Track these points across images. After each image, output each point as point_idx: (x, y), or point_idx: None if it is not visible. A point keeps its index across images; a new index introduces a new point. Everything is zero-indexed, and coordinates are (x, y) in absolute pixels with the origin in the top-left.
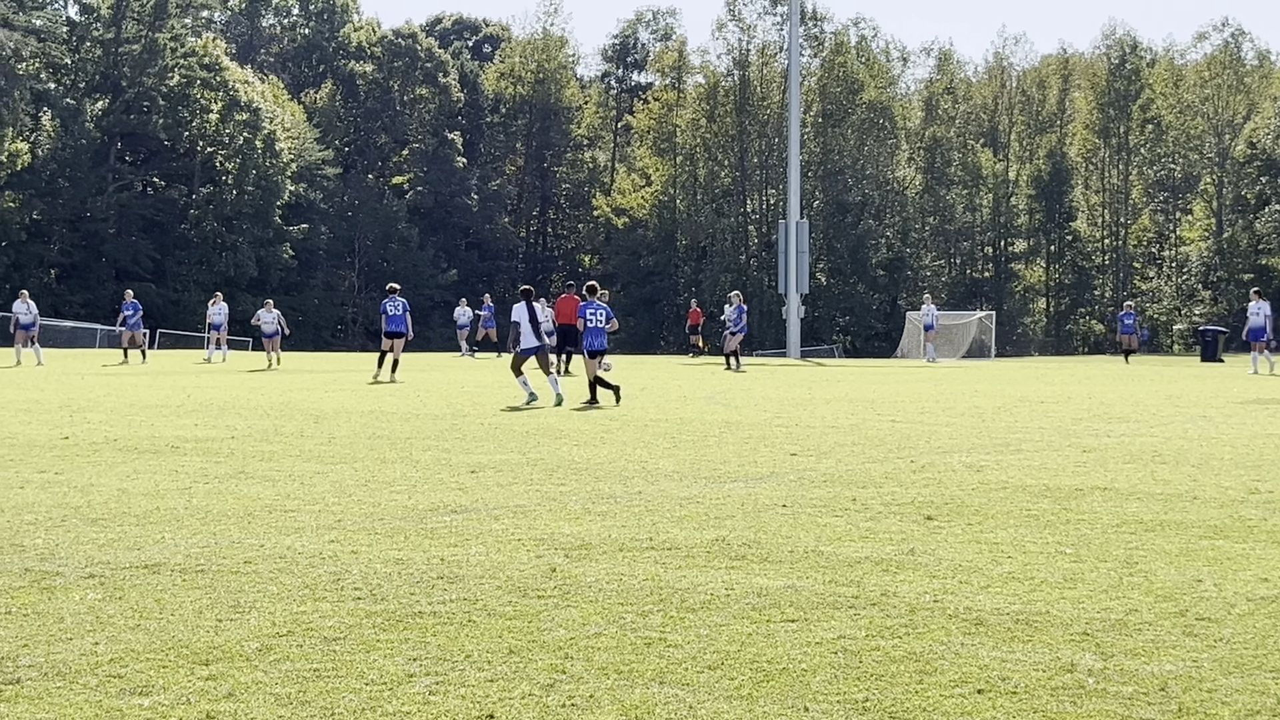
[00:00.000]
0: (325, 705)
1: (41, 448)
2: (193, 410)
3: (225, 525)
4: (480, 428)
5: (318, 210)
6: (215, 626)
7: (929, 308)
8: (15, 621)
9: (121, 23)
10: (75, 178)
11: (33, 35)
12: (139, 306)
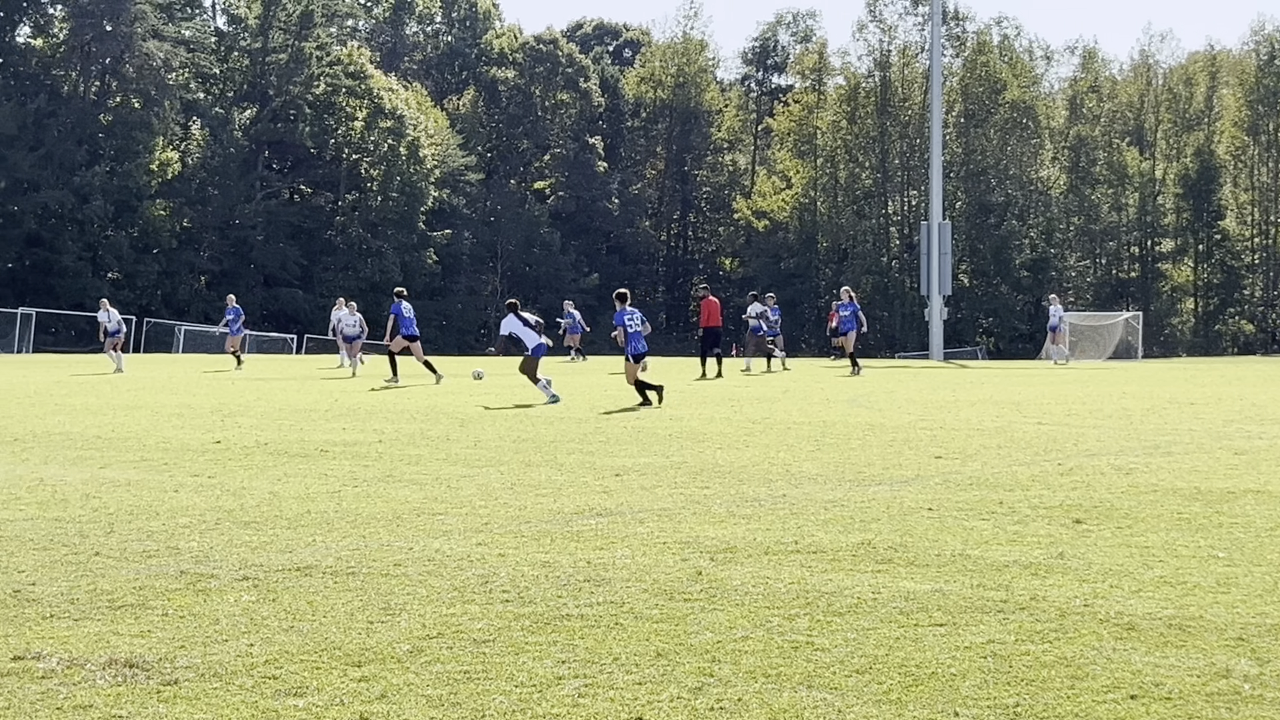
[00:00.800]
0: (476, 707)
1: (195, 452)
2: (340, 414)
3: (375, 528)
4: (624, 431)
5: (461, 216)
6: (367, 628)
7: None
8: (172, 623)
9: (268, 32)
10: (224, 185)
11: (182, 46)
12: (240, 312)
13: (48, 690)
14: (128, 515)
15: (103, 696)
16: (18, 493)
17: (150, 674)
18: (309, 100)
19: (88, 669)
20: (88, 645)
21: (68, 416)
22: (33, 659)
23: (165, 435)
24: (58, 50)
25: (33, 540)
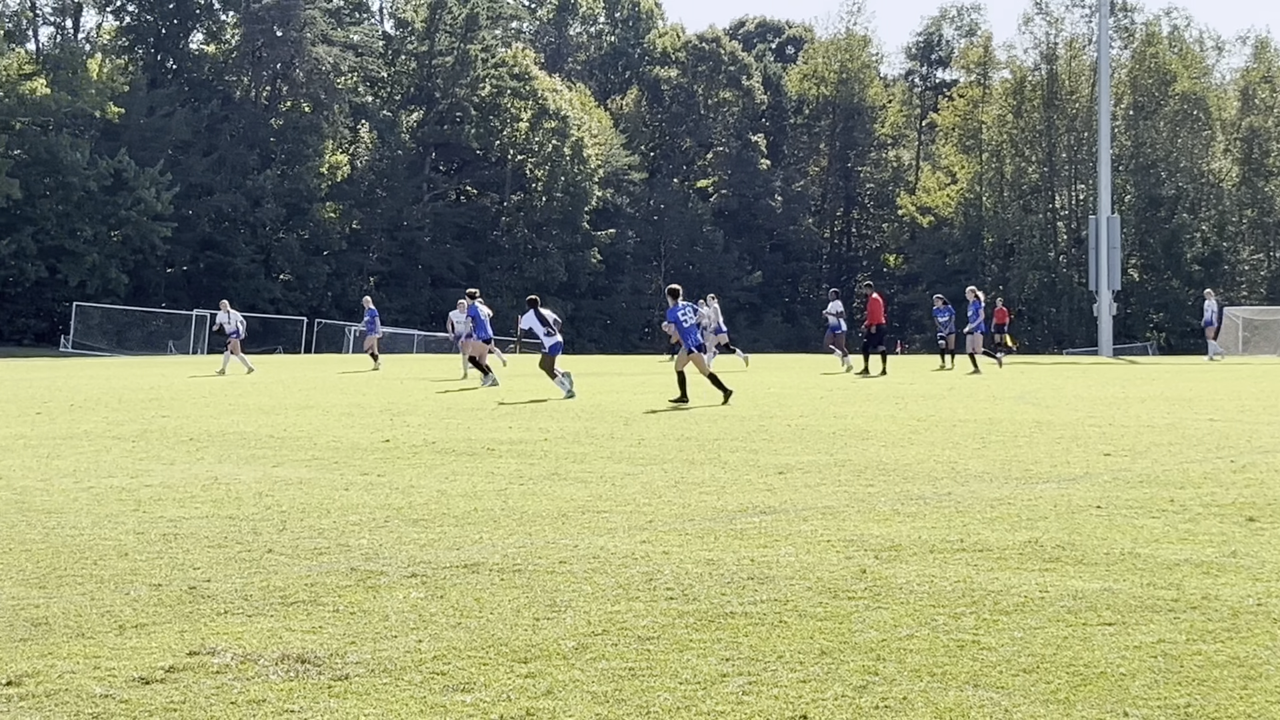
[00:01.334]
0: (641, 704)
1: (365, 451)
2: (506, 412)
3: (540, 525)
4: (787, 429)
5: (624, 215)
6: (533, 625)
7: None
8: (343, 619)
9: (435, 36)
10: (392, 187)
11: (350, 50)
12: (376, 313)
13: (222, 685)
14: (299, 513)
15: (275, 691)
16: (193, 491)
17: (321, 669)
18: (474, 102)
19: (260, 664)
20: (261, 641)
21: (242, 416)
22: (207, 654)
23: (336, 434)
24: (230, 56)
25: (208, 538)
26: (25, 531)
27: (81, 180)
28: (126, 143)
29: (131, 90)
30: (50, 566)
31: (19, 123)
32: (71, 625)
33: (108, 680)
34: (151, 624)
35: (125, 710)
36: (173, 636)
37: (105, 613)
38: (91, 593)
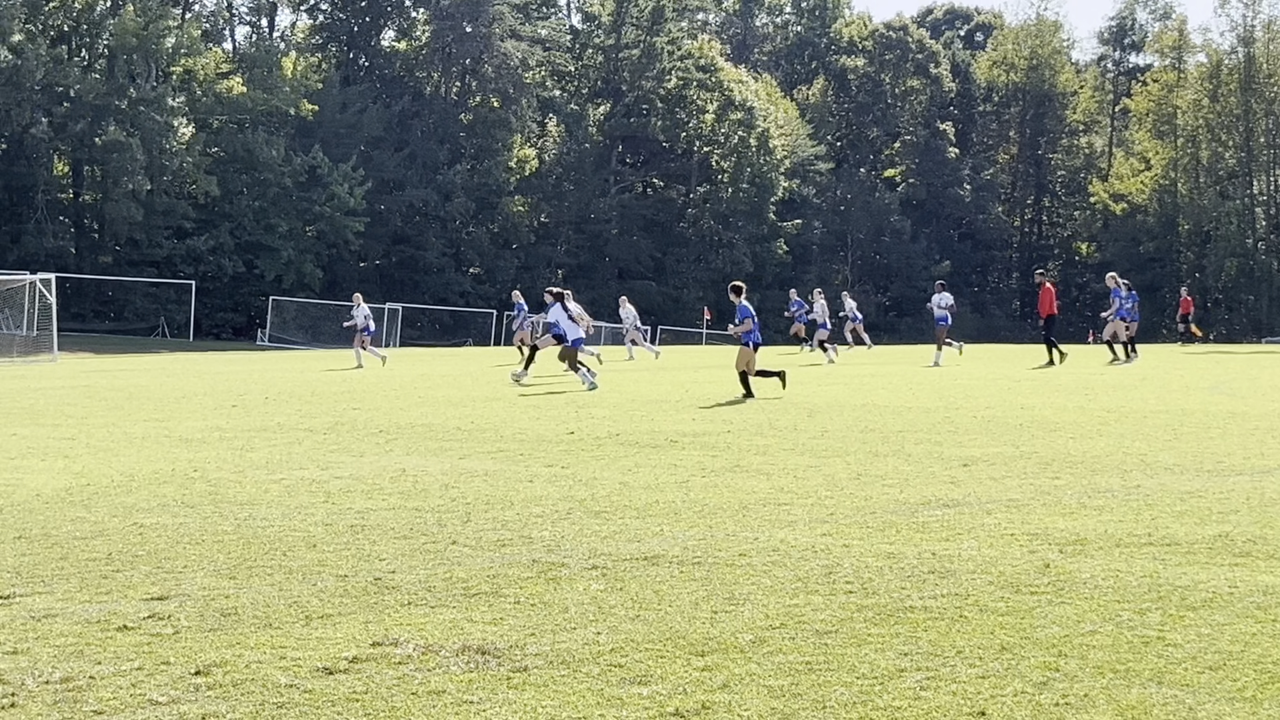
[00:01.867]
0: (817, 698)
1: (549, 443)
2: (690, 405)
3: (721, 518)
4: (973, 420)
5: (811, 205)
6: (711, 618)
7: None
8: (524, 611)
9: (621, 29)
10: (579, 180)
11: (538, 45)
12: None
13: (403, 676)
14: (484, 505)
15: (455, 682)
16: (381, 483)
17: (501, 661)
18: (661, 94)
19: (442, 655)
20: (443, 632)
21: (430, 409)
22: (390, 645)
23: (521, 426)
24: (420, 53)
25: (394, 529)
26: (218, 523)
27: (277, 177)
28: (320, 139)
29: (325, 87)
30: (241, 557)
31: (216, 121)
32: (259, 615)
33: (293, 670)
34: (337, 615)
35: (308, 700)
36: (357, 627)
37: (292, 603)
38: (280, 583)
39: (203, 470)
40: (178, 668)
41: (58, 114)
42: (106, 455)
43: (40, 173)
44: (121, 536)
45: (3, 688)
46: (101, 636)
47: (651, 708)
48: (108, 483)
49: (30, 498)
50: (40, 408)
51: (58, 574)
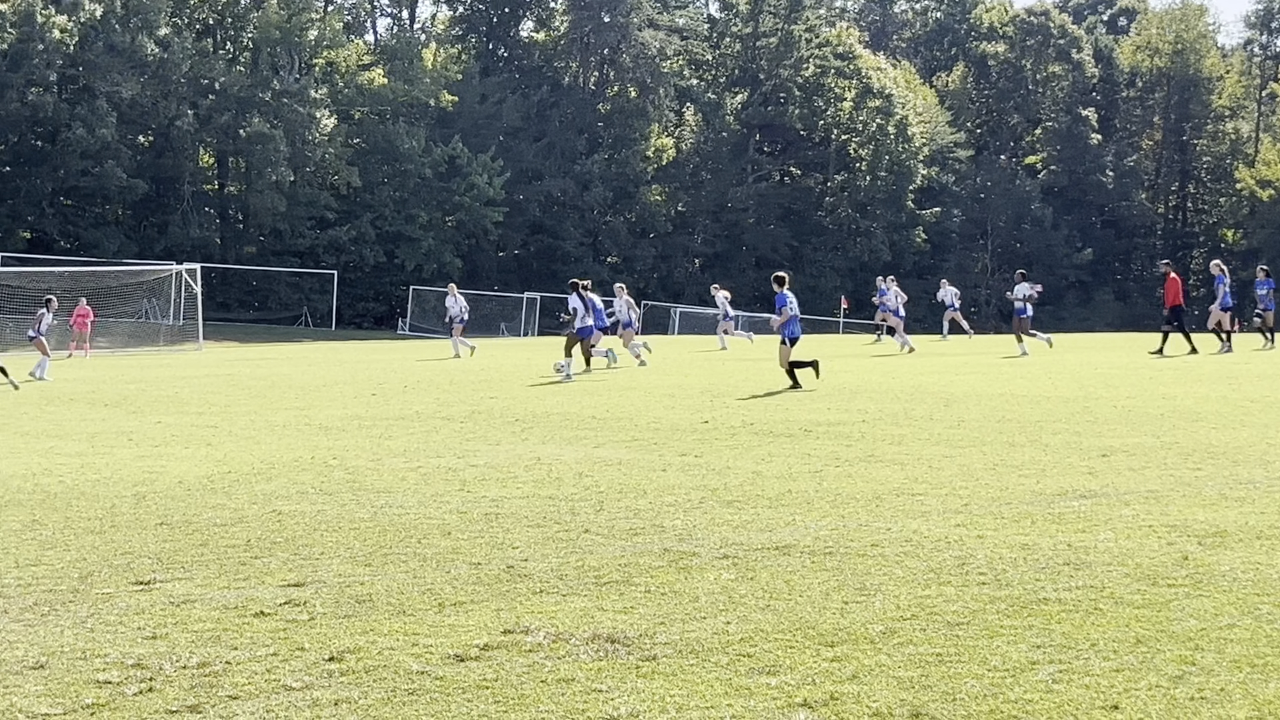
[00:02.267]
0: (947, 690)
1: (684, 432)
2: (826, 394)
3: (854, 508)
4: (1112, 410)
5: (950, 193)
6: (841, 608)
7: None
8: (654, 600)
9: (759, 17)
10: (716, 170)
11: (676, 34)
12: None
13: (533, 663)
14: (617, 493)
15: (584, 670)
16: (516, 471)
17: (630, 649)
18: (798, 82)
19: (572, 643)
20: (573, 620)
21: (566, 397)
22: (521, 632)
23: (656, 415)
24: (559, 43)
25: (527, 517)
26: (355, 510)
27: (417, 167)
28: (460, 130)
29: (464, 78)
30: (377, 544)
31: (358, 112)
32: (393, 602)
33: (424, 657)
34: (470, 602)
35: (439, 687)
36: (489, 615)
37: (426, 590)
38: (414, 571)
39: (341, 458)
40: (312, 653)
41: (203, 107)
42: (248, 443)
43: (186, 164)
44: (260, 523)
45: (141, 672)
46: (238, 622)
47: (779, 698)
48: (248, 470)
49: (173, 485)
50: (185, 396)
51: (198, 560)
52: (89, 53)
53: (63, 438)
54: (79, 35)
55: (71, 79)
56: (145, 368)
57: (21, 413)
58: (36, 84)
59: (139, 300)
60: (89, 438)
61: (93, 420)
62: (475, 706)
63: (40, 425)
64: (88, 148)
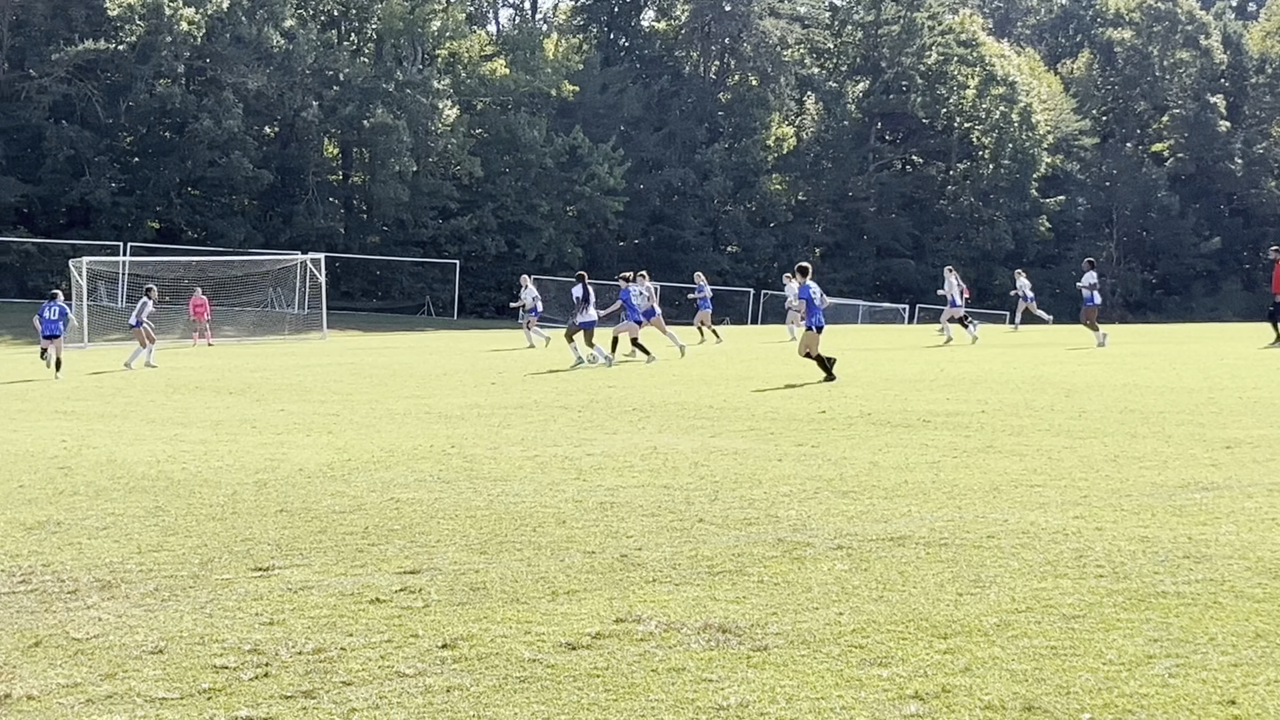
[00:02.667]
0: (1061, 684)
1: (800, 421)
2: (945, 384)
3: (971, 499)
4: (1238, 402)
5: (1074, 181)
6: (955, 600)
7: None
8: (767, 590)
9: (881, 5)
10: (837, 158)
11: (797, 22)
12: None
13: (645, 652)
14: (732, 483)
15: (695, 660)
16: (632, 460)
17: (742, 639)
18: (920, 70)
19: (683, 633)
20: (685, 610)
21: (683, 387)
22: (633, 621)
23: (773, 405)
24: (679, 32)
25: (642, 506)
26: (472, 498)
27: (539, 157)
28: (581, 120)
29: (585, 68)
30: (492, 532)
31: (480, 103)
32: (507, 590)
33: (537, 645)
34: (583, 591)
35: (550, 675)
36: (602, 603)
37: (540, 579)
38: (529, 559)
39: (460, 446)
40: (425, 640)
41: (328, 98)
42: (368, 431)
43: (311, 155)
44: (378, 511)
45: (257, 657)
46: (354, 609)
47: (891, 689)
48: (368, 458)
49: (293, 472)
50: (308, 384)
51: (316, 547)
52: (216, 45)
53: (188, 425)
54: (206, 28)
55: (199, 71)
56: (270, 356)
57: (148, 400)
58: (165, 76)
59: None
60: (213, 425)
61: (217, 408)
62: (586, 695)
63: (166, 413)
64: (215, 139)
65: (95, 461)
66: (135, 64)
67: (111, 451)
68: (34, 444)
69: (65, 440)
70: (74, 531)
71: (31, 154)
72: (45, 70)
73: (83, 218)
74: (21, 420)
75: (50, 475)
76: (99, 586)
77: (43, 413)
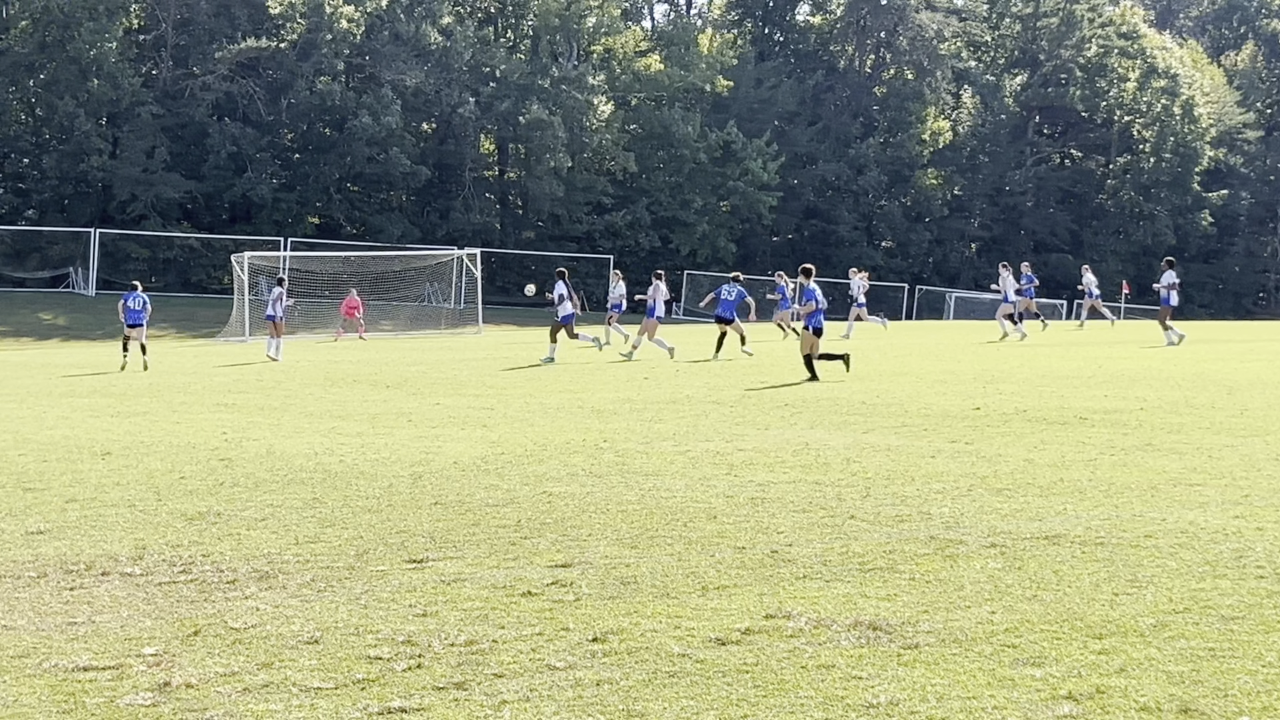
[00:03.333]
0: (1218, 686)
1: (954, 418)
2: (1103, 381)
3: (1128, 498)
4: None
5: (1238, 175)
6: (1111, 600)
7: None
8: (918, 588)
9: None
10: (994, 153)
11: (954, 16)
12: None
13: (794, 649)
14: (884, 480)
15: (845, 657)
16: (783, 456)
17: (892, 637)
18: (1080, 63)
19: (833, 629)
20: (835, 606)
21: (836, 382)
22: (783, 618)
23: (927, 401)
24: (835, 27)
25: (793, 502)
26: (623, 493)
27: (692, 152)
28: (735, 115)
29: (740, 63)
30: (643, 527)
31: (635, 98)
32: (657, 585)
33: (686, 640)
34: (733, 586)
35: (699, 670)
36: (751, 599)
37: (690, 573)
38: (679, 554)
39: (612, 441)
40: (576, 634)
41: (484, 94)
42: (521, 425)
43: (468, 151)
44: (531, 504)
45: (411, 649)
46: (506, 601)
47: (1044, 689)
48: (521, 452)
49: (448, 465)
50: (463, 378)
51: (469, 539)
52: (375, 42)
53: (345, 418)
54: (365, 25)
55: (358, 68)
56: (426, 350)
57: (307, 393)
58: (325, 73)
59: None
60: (370, 419)
61: (374, 401)
62: (735, 690)
63: (324, 406)
64: (373, 135)
65: (255, 454)
66: (296, 61)
67: (270, 444)
68: (195, 436)
69: (225, 432)
70: (233, 522)
71: (195, 151)
72: (208, 68)
73: (244, 213)
74: (184, 412)
75: (211, 467)
76: (257, 577)
77: (204, 405)
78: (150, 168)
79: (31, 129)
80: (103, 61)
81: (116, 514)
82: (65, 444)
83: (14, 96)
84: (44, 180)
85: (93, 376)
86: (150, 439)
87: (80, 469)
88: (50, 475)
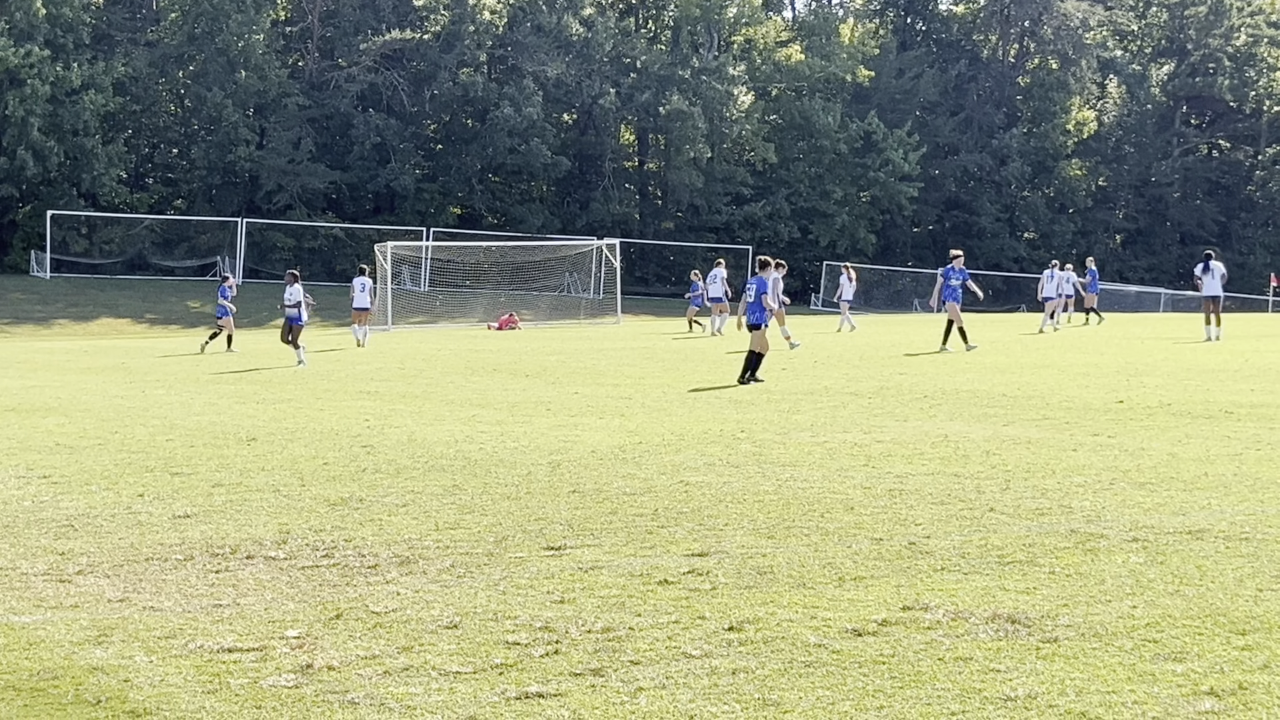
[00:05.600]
0: None
1: (1096, 411)
2: (1249, 375)
3: (1275, 493)
4: None
5: None
6: (1255, 596)
7: None
8: (1058, 581)
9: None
10: (1140, 143)
11: (1099, 4)
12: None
13: (931, 641)
14: (1024, 472)
15: (982, 650)
16: (922, 448)
17: (1031, 630)
18: (1228, 52)
19: (971, 622)
20: (973, 599)
21: (976, 374)
22: (920, 610)
23: (1069, 394)
24: (978, 16)
25: (931, 494)
26: (760, 483)
27: (833, 143)
28: (876, 105)
29: (881, 53)
30: (779, 517)
31: (775, 89)
32: (794, 575)
33: (822, 630)
34: (870, 577)
35: (835, 660)
36: (889, 591)
37: (827, 564)
38: (816, 544)
39: (749, 431)
40: (712, 622)
41: (624, 85)
42: (659, 414)
43: (608, 142)
44: (668, 493)
45: (548, 635)
46: (642, 589)
47: (1185, 685)
48: (658, 441)
49: (586, 454)
50: (601, 368)
51: (606, 527)
52: (517, 33)
53: (485, 406)
54: (507, 17)
55: (500, 59)
56: (565, 340)
57: (448, 381)
58: (467, 65)
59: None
60: (509, 407)
61: (513, 390)
62: (871, 681)
63: (464, 394)
64: (515, 126)
65: (396, 440)
66: (439, 53)
67: (412, 431)
68: (339, 423)
69: (368, 419)
70: (375, 508)
71: (340, 141)
72: (353, 60)
73: (388, 203)
74: (328, 399)
75: (354, 453)
76: (398, 562)
77: (348, 393)
78: (296, 158)
79: (180, 120)
80: (250, 53)
81: (261, 499)
82: (212, 430)
83: (164, 88)
84: (192, 170)
85: (238, 364)
86: (294, 425)
87: (226, 454)
88: (197, 460)
